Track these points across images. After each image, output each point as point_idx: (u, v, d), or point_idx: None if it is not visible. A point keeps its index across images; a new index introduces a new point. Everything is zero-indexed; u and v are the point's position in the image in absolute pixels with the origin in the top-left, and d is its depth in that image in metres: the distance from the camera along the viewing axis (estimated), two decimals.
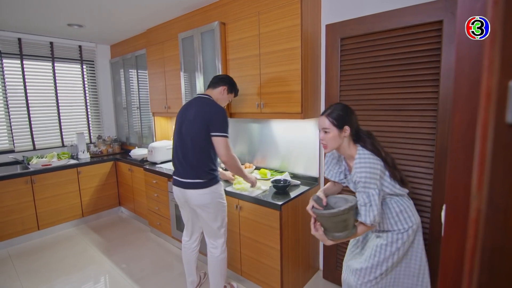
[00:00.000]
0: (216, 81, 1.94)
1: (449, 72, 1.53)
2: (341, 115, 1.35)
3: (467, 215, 0.38)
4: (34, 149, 3.52)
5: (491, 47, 0.29)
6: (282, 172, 2.46)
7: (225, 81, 1.95)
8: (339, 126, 1.35)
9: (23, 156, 3.36)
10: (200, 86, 2.57)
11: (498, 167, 0.29)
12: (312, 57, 2.01)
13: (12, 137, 3.36)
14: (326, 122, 1.36)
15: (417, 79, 1.65)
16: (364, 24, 1.80)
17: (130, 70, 3.78)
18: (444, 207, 0.51)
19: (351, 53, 1.91)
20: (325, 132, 1.37)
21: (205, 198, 1.82)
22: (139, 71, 3.60)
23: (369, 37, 1.81)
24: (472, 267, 0.32)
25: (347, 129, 1.35)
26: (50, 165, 3.23)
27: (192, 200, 1.85)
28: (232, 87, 1.98)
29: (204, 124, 1.77)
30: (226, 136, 1.80)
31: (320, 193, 1.46)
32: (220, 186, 1.91)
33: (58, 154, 3.49)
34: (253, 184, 2.06)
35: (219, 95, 1.93)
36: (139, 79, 3.63)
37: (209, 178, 1.83)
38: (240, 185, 2.15)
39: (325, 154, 1.66)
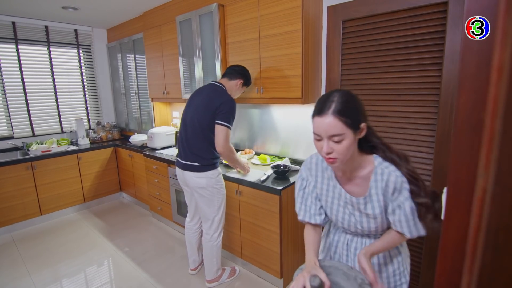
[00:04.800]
0: (232, 72, 1.95)
1: (453, 56, 1.50)
2: (355, 108, 0.87)
3: (469, 195, 0.38)
4: (33, 135, 3.51)
5: (506, 16, 0.27)
6: (282, 157, 2.46)
7: (242, 74, 1.96)
8: (355, 125, 0.86)
9: (23, 142, 3.35)
10: (199, 71, 2.54)
11: (507, 144, 0.29)
12: (313, 40, 1.97)
13: (11, 123, 3.34)
14: (337, 124, 0.84)
15: (420, 62, 1.62)
16: (367, 5, 1.75)
17: (127, 55, 3.71)
18: (445, 190, 0.51)
19: (353, 36, 1.87)
20: (336, 141, 0.86)
21: (201, 181, 1.88)
22: (136, 55, 3.54)
23: (371, 19, 1.76)
24: (476, 246, 0.32)
25: (364, 127, 0.90)
26: (50, 151, 3.23)
27: (189, 182, 1.91)
28: (247, 80, 2.00)
29: (212, 112, 1.80)
30: (229, 127, 1.81)
31: (317, 271, 0.91)
32: (217, 172, 1.94)
33: (57, 140, 3.48)
34: (246, 171, 2.11)
35: (234, 87, 1.95)
36: (137, 64, 3.58)
37: (206, 163, 1.88)
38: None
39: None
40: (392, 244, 1.00)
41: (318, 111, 0.88)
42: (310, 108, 2.23)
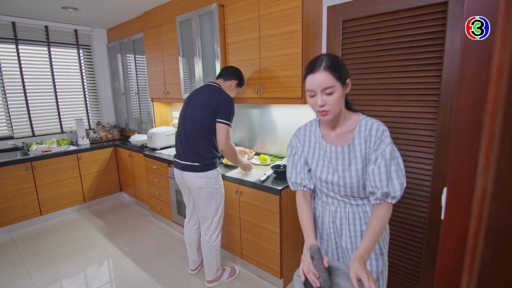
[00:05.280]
0: (227, 73, 2.00)
1: (453, 56, 1.50)
2: (341, 64, 1.01)
3: (469, 195, 0.38)
4: (33, 135, 3.51)
5: (506, 16, 0.27)
6: (282, 157, 2.46)
7: (237, 75, 2.02)
8: (343, 79, 1.00)
9: (23, 143, 3.35)
10: (198, 71, 2.54)
11: (507, 144, 0.29)
12: (313, 40, 1.97)
13: (11, 123, 3.34)
14: (329, 78, 0.97)
15: (420, 62, 1.62)
16: (367, 5, 1.75)
17: (127, 55, 3.71)
18: (445, 190, 0.51)
19: (353, 36, 1.87)
20: (328, 93, 0.98)
21: (200, 181, 1.88)
22: (136, 55, 3.54)
23: (371, 19, 1.76)
24: (475, 246, 0.32)
25: (349, 83, 1.04)
26: (50, 151, 3.23)
27: (188, 182, 1.91)
28: (241, 81, 2.06)
29: (212, 110, 1.83)
30: (229, 125, 1.86)
31: (316, 246, 0.99)
32: (217, 172, 1.95)
33: (57, 140, 3.48)
34: (248, 170, 2.13)
35: (229, 87, 2.00)
36: (136, 64, 3.58)
37: (206, 163, 1.88)
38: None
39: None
40: (378, 232, 1.01)
41: (311, 70, 1.01)
42: (309, 108, 2.23)
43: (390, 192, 1.00)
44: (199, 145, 1.87)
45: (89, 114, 4.05)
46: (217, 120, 1.84)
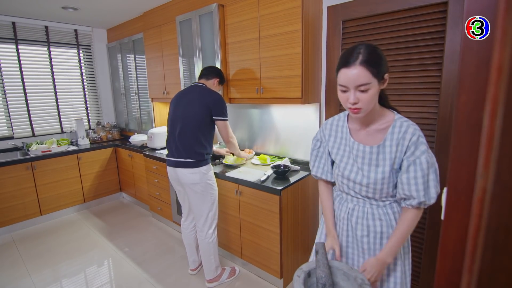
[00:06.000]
0: (208, 73, 2.09)
1: (453, 56, 1.50)
2: (380, 58, 0.91)
3: (469, 195, 0.38)
4: (33, 135, 3.51)
5: (506, 16, 0.27)
6: (282, 157, 2.46)
7: (217, 73, 2.10)
8: (380, 75, 0.91)
9: (23, 143, 3.35)
10: (198, 71, 2.53)
11: (507, 144, 0.29)
12: (313, 40, 1.96)
13: (11, 124, 3.34)
14: (365, 74, 0.88)
15: (420, 63, 1.62)
16: (367, 5, 1.75)
17: (127, 55, 3.71)
18: (445, 190, 0.51)
19: (353, 36, 1.87)
20: (362, 90, 0.90)
21: (194, 177, 1.92)
22: (136, 55, 3.54)
23: (371, 19, 1.76)
24: (475, 246, 0.32)
25: (387, 78, 0.94)
26: (50, 151, 3.23)
27: (182, 179, 1.95)
28: (222, 79, 2.16)
29: (206, 109, 1.91)
30: (227, 120, 2.01)
31: (332, 242, 1.05)
32: (209, 168, 2.00)
33: (57, 141, 3.48)
34: (243, 158, 2.43)
35: (213, 86, 2.10)
36: (136, 64, 3.58)
37: (199, 159, 1.93)
38: (231, 158, 2.45)
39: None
40: (405, 235, 0.98)
41: (345, 63, 0.92)
42: (309, 108, 2.23)
43: (426, 201, 0.96)
44: (192, 141, 1.91)
45: (89, 114, 4.05)
46: (215, 118, 1.95)
